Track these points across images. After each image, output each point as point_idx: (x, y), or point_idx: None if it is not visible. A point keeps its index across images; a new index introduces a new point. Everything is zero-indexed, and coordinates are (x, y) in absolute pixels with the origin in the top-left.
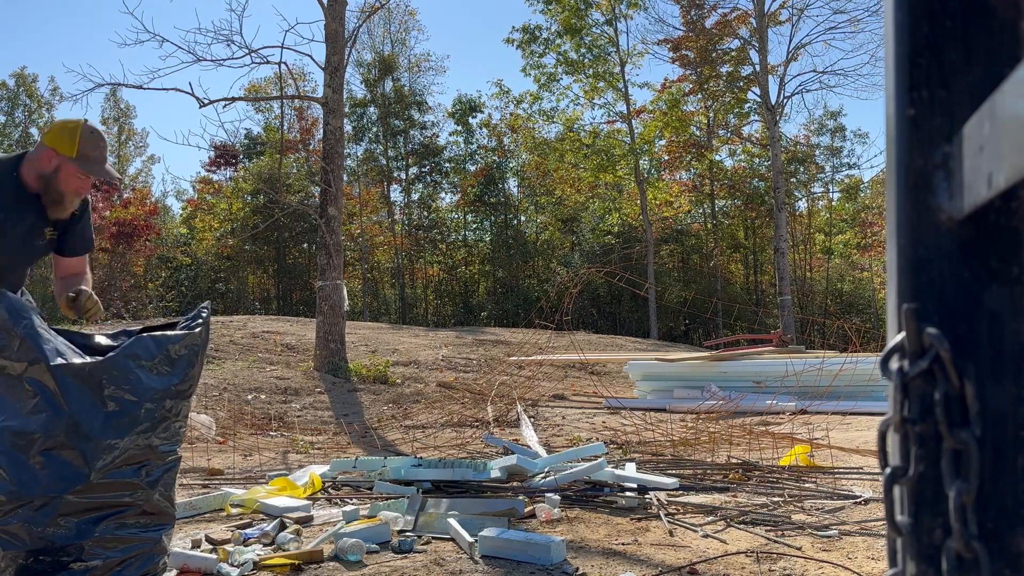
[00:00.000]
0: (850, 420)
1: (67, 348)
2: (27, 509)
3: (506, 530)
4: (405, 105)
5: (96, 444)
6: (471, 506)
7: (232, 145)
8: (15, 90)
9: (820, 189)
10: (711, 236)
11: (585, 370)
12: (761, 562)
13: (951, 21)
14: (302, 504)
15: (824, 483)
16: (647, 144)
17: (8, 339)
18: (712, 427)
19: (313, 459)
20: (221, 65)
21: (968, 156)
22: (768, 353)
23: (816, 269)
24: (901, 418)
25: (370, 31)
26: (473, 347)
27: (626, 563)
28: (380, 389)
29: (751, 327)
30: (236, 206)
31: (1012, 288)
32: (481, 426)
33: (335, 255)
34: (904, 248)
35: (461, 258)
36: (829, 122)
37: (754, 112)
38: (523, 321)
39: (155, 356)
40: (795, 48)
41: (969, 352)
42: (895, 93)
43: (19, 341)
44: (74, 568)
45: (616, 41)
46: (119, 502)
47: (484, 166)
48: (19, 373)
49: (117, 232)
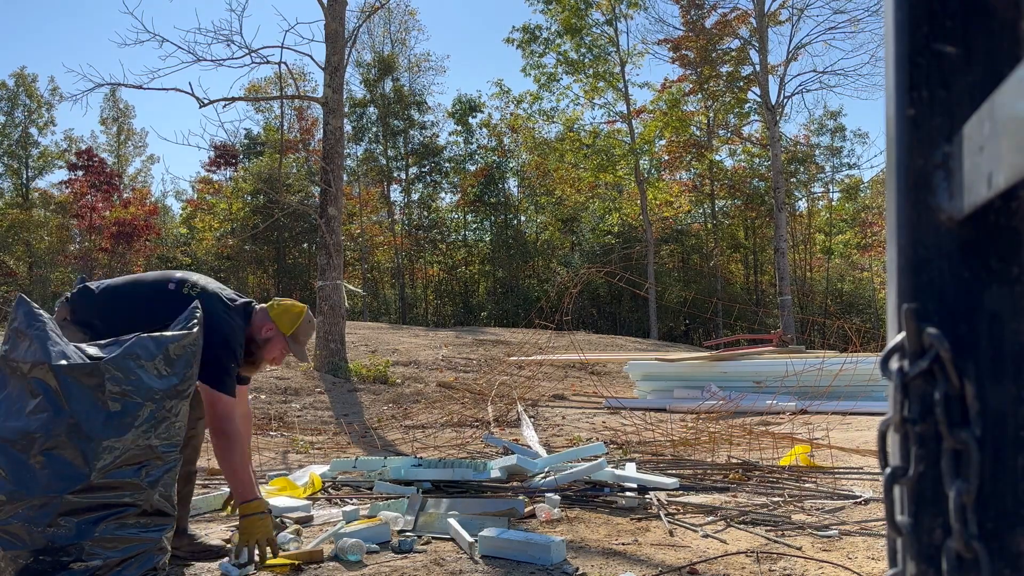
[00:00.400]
0: (850, 420)
1: (74, 352)
2: (28, 509)
3: (506, 530)
4: (405, 105)
5: (97, 444)
6: (471, 506)
7: (232, 145)
8: (15, 90)
9: (820, 189)
10: (711, 236)
11: (585, 370)
12: (761, 562)
13: (951, 21)
14: (302, 504)
15: (824, 483)
16: (647, 144)
17: (20, 340)
18: (712, 427)
19: (313, 459)
20: (221, 65)
21: (968, 156)
22: (768, 353)
23: (816, 269)
24: (901, 418)
25: (370, 31)
26: (473, 347)
27: (626, 563)
28: (380, 389)
29: (751, 327)
30: (236, 206)
31: (1012, 288)
32: (481, 426)
33: (335, 255)
34: (904, 248)
35: (461, 258)
36: (829, 122)
37: (754, 112)
38: (523, 321)
39: (155, 356)
40: (795, 48)
41: (969, 352)
42: (895, 93)
43: (29, 342)
44: (74, 568)
45: (616, 41)
46: (119, 502)
47: (484, 166)
48: (25, 372)
49: (117, 232)
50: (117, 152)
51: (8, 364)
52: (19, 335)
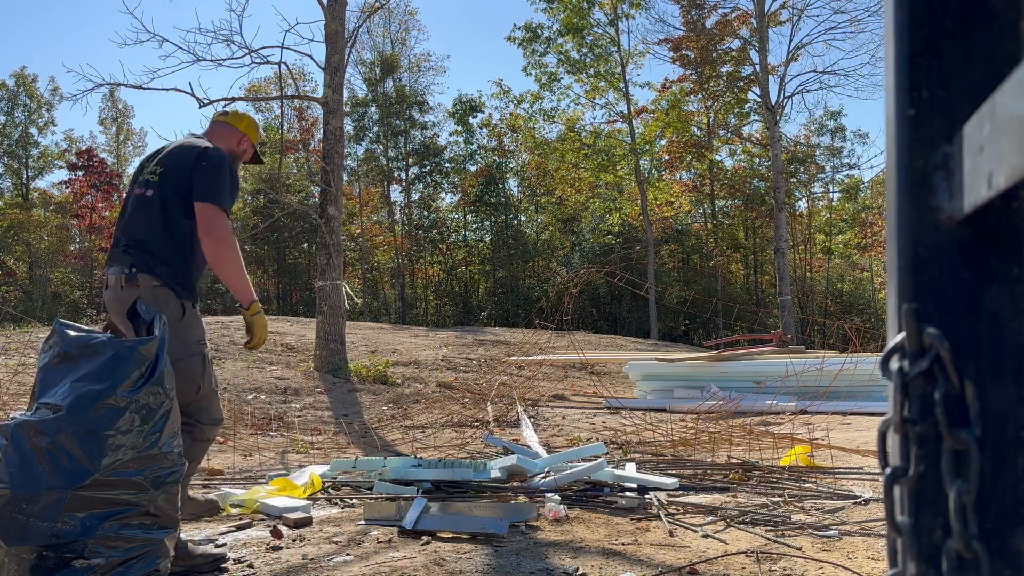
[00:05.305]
0: (850, 420)
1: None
2: (33, 504)
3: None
4: (406, 105)
5: (103, 441)
6: (477, 509)
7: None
8: (15, 90)
9: (820, 189)
10: (711, 236)
11: (585, 370)
12: (761, 562)
13: (951, 21)
14: (302, 504)
15: (824, 483)
16: (648, 144)
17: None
18: (712, 427)
19: (313, 459)
20: (221, 65)
21: (968, 156)
22: (768, 353)
23: (816, 269)
24: (901, 418)
25: (370, 31)
26: (473, 347)
27: (626, 563)
28: (380, 389)
29: (751, 327)
30: (236, 206)
31: (1012, 288)
32: (481, 426)
33: (335, 255)
34: (904, 248)
35: (461, 258)
36: (829, 122)
37: (754, 112)
38: (523, 321)
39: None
40: (795, 48)
41: (969, 352)
42: (895, 93)
43: (56, 336)
44: (77, 565)
45: (618, 41)
46: (124, 501)
47: (484, 166)
48: (43, 364)
49: None
50: (117, 152)
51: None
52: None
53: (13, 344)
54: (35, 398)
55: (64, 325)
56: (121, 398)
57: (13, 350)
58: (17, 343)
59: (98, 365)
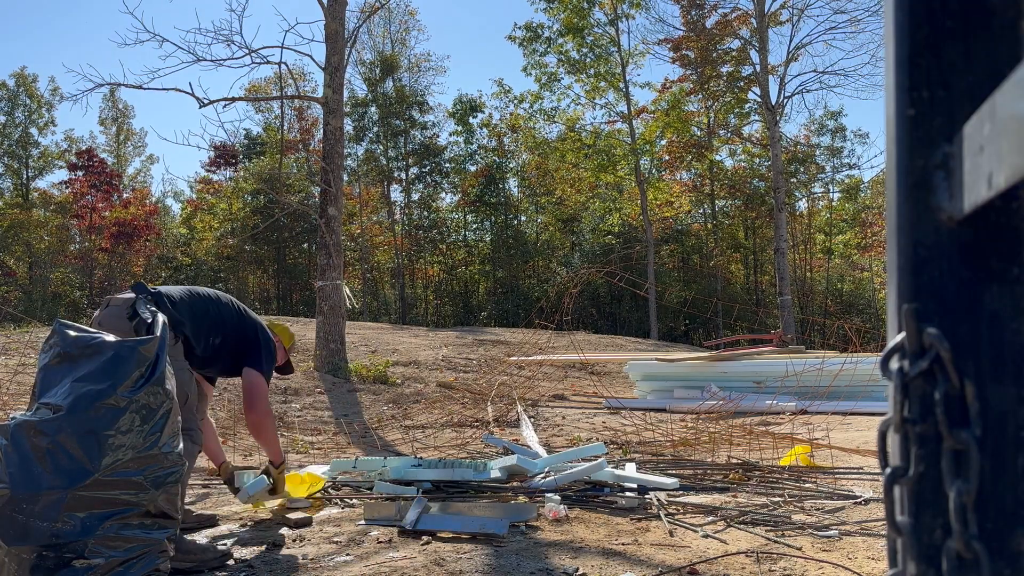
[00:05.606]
0: (850, 420)
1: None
2: (33, 504)
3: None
4: (406, 105)
5: (104, 441)
6: (477, 509)
7: (232, 145)
8: (15, 90)
9: (820, 189)
10: (711, 236)
11: (585, 370)
12: (761, 562)
13: (951, 21)
14: (302, 503)
15: (824, 483)
16: (648, 144)
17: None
18: (712, 427)
19: (313, 459)
20: (221, 65)
21: (968, 156)
22: (768, 353)
23: (816, 269)
24: (901, 418)
25: (370, 31)
26: (473, 347)
27: (626, 563)
28: (380, 389)
29: (751, 327)
30: (236, 206)
31: (1012, 288)
32: (481, 426)
33: (335, 255)
34: (904, 248)
35: (461, 258)
36: (829, 122)
37: (754, 112)
38: (523, 321)
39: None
40: (795, 48)
41: (969, 352)
42: (895, 93)
43: (56, 336)
44: (77, 565)
45: (618, 41)
46: (124, 501)
47: (484, 166)
48: (44, 364)
49: (117, 232)
50: (117, 152)
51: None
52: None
53: (13, 344)
54: (35, 398)
55: (64, 325)
56: (121, 398)
57: (13, 350)
58: (17, 343)
59: (98, 365)
